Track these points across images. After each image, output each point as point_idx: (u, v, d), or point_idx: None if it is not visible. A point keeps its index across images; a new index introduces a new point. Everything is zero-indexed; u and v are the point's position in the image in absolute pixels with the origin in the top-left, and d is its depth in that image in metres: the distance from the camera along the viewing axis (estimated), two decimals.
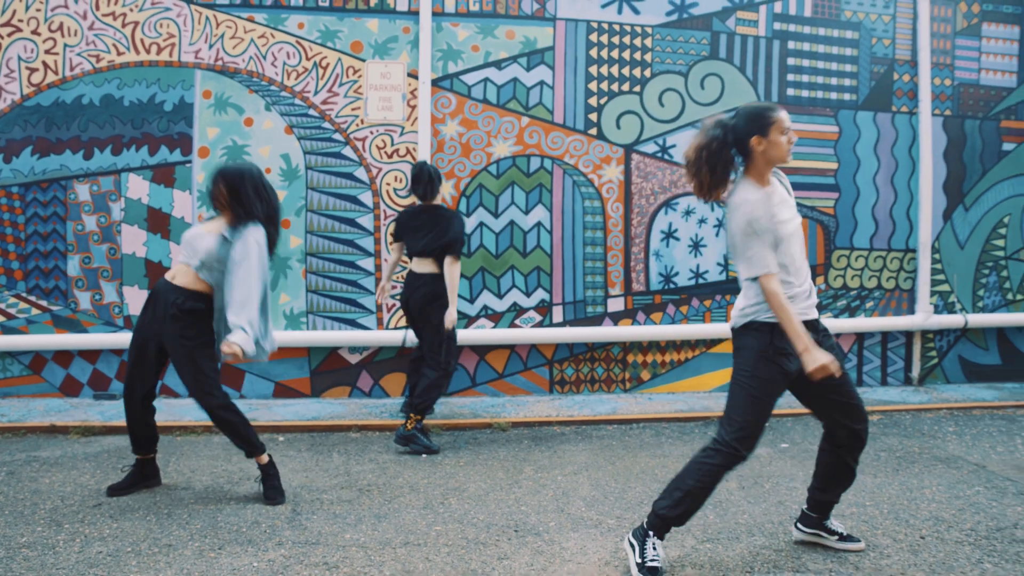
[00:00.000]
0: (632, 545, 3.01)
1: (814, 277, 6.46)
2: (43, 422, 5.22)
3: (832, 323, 6.43)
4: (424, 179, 4.98)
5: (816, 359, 2.84)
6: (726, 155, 3.01)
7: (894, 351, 6.72)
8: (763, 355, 2.96)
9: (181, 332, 3.75)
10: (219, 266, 3.72)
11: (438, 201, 5.07)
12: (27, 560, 3.09)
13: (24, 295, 5.94)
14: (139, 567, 3.04)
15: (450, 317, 4.88)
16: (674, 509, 2.98)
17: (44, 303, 5.96)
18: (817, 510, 3.29)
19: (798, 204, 6.43)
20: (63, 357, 5.96)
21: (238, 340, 3.53)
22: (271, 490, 3.87)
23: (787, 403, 5.71)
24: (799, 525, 3.35)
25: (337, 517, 3.64)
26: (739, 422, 2.94)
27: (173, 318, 3.74)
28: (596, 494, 4.00)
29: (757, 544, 3.34)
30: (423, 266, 4.96)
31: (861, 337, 6.66)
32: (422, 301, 4.93)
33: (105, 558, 3.12)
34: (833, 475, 3.22)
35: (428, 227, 4.96)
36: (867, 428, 3.17)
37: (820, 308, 6.45)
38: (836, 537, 3.28)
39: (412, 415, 4.75)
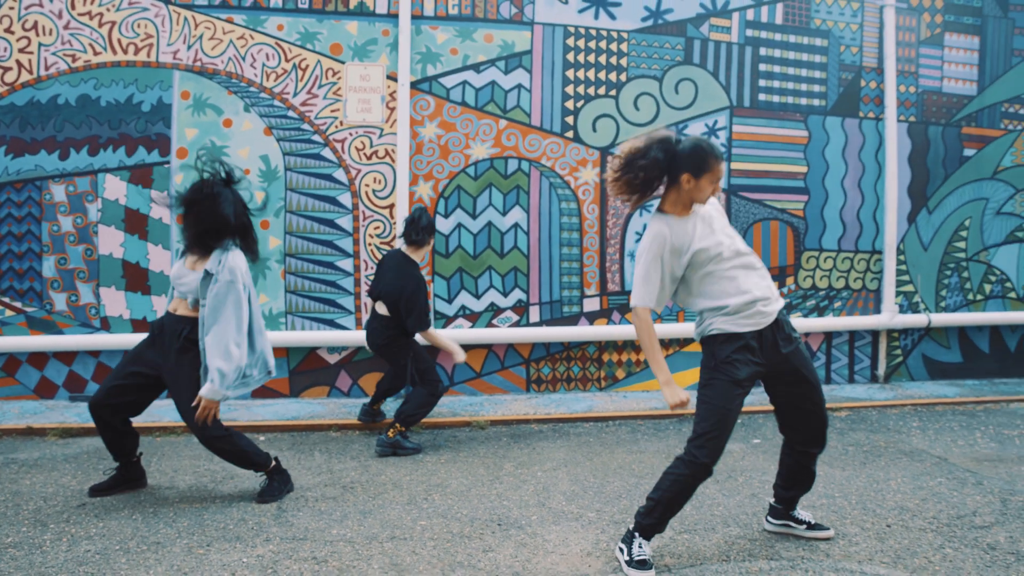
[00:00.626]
0: (621, 549, 3.11)
1: (784, 278, 6.64)
2: (19, 424, 5.19)
3: (801, 322, 6.60)
4: (421, 224, 4.96)
5: (673, 395, 3.05)
6: (657, 174, 3.10)
7: (861, 349, 6.92)
8: (707, 366, 3.12)
9: (190, 363, 3.72)
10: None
11: (420, 256, 5.03)
12: (15, 560, 3.11)
13: None
14: (129, 564, 3.08)
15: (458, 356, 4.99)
16: (647, 517, 3.09)
17: (18, 304, 5.91)
18: (783, 503, 3.43)
19: (769, 206, 6.64)
20: (38, 359, 5.92)
21: (204, 392, 3.59)
22: (270, 492, 3.89)
23: (757, 400, 5.88)
24: (769, 518, 3.50)
25: (323, 514, 3.69)
26: (698, 431, 3.07)
27: (181, 350, 3.72)
28: (576, 489, 4.10)
29: (732, 534, 3.46)
30: (381, 308, 5.00)
31: (829, 336, 6.85)
32: (380, 342, 4.98)
33: (94, 556, 3.15)
34: (795, 476, 3.38)
35: (393, 273, 4.95)
36: (825, 433, 3.31)
37: (790, 308, 6.63)
38: (804, 526, 3.42)
39: (397, 425, 4.75)
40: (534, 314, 6.37)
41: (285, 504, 3.82)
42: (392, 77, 6.18)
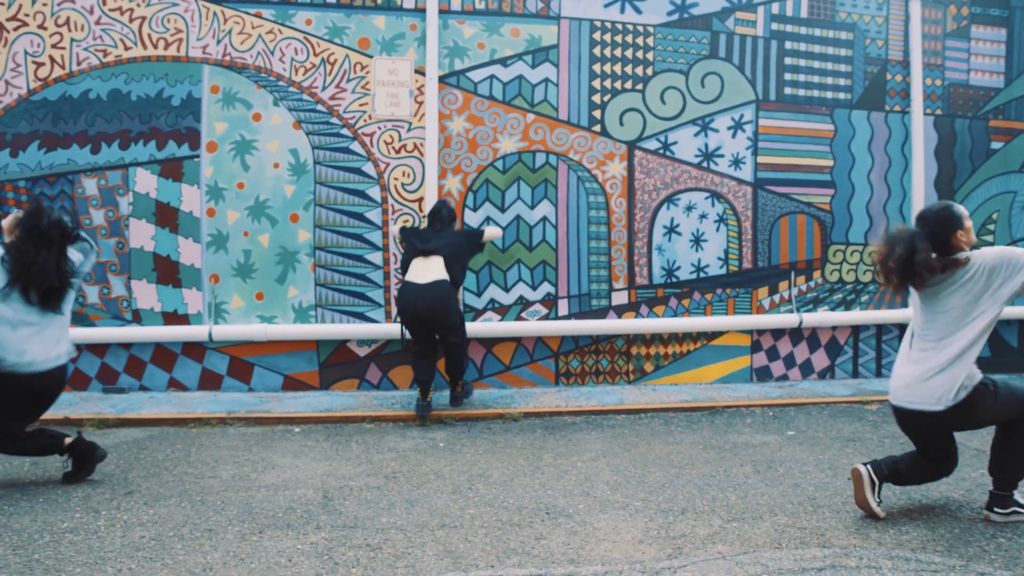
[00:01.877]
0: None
1: (811, 271, 6.65)
2: (57, 415, 5.21)
3: (828, 316, 6.60)
4: (443, 216, 5.54)
5: None
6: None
7: (888, 343, 6.91)
8: None
9: None
10: None
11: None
12: (73, 544, 3.13)
13: None
14: (185, 550, 3.09)
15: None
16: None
17: None
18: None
19: (796, 200, 6.63)
20: None
21: None
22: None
23: (785, 393, 5.90)
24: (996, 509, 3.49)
25: (369, 503, 3.71)
26: None
27: None
28: (618, 479, 4.11)
29: (781, 523, 3.46)
30: (430, 271, 5.30)
31: (856, 330, 6.84)
32: (447, 297, 5.30)
33: (149, 542, 3.17)
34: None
35: (439, 234, 5.50)
36: None
37: (817, 302, 6.64)
38: None
39: (459, 384, 5.60)
40: (563, 307, 6.37)
41: (330, 493, 3.84)
42: (420, 71, 6.19)
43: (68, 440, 3.97)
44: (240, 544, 3.16)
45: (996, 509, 3.47)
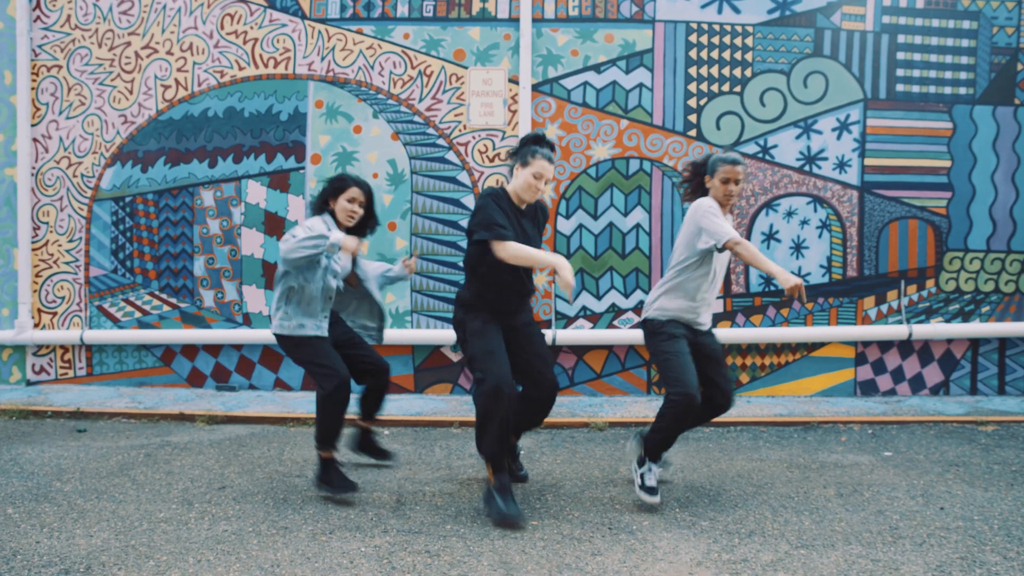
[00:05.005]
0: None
1: (923, 280, 6.26)
2: (173, 410, 5.68)
3: (943, 328, 6.18)
4: None
5: (787, 279, 3.49)
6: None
7: (1013, 359, 6.38)
8: None
9: None
10: None
11: None
12: (165, 533, 3.43)
13: (157, 293, 6.47)
14: (259, 546, 3.32)
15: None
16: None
17: (174, 300, 6.47)
18: None
19: (907, 204, 6.26)
20: (189, 350, 6.45)
21: None
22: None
23: (890, 410, 5.59)
24: None
25: (438, 508, 3.83)
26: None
27: None
28: (690, 495, 4.04)
29: (853, 553, 3.31)
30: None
31: (976, 343, 6.36)
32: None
33: (230, 536, 3.42)
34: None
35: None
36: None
37: (930, 313, 6.23)
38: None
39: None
40: None
41: (404, 497, 3.99)
42: (514, 80, 6.28)
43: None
44: (310, 543, 3.36)
45: None
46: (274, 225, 6.39)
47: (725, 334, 6.19)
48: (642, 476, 3.88)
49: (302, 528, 3.54)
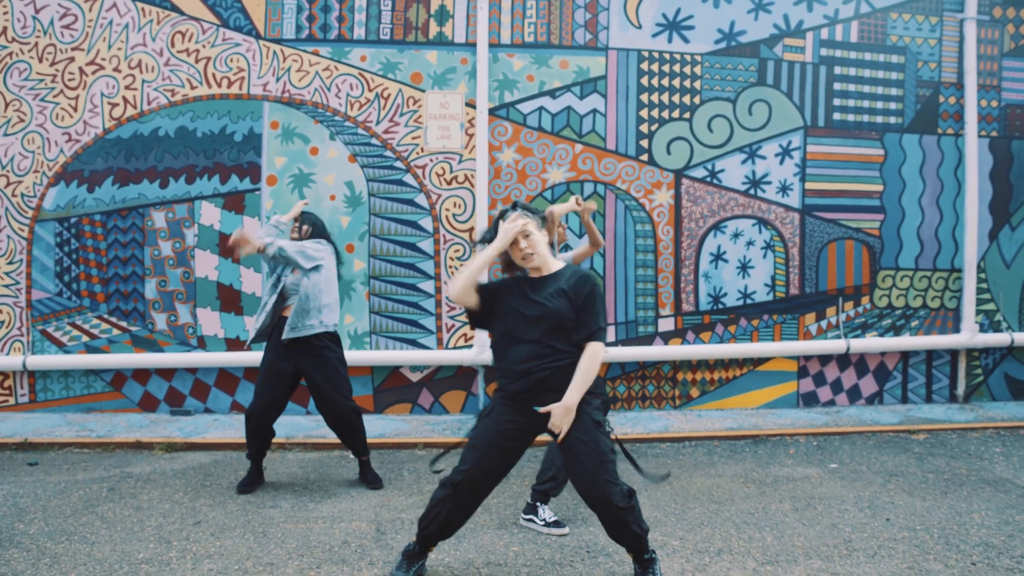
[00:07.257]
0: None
1: (859, 297, 6.63)
2: (129, 438, 5.57)
3: (877, 342, 6.58)
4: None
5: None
6: None
7: (939, 369, 6.84)
8: None
9: None
10: None
11: None
12: (148, 575, 3.41)
13: (106, 316, 6.32)
14: None
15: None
16: None
17: (124, 324, 6.32)
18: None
19: (844, 226, 6.62)
20: (141, 374, 6.32)
21: None
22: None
23: (831, 420, 5.91)
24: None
25: None
26: None
27: None
28: (658, 514, 4.23)
29: (814, 567, 3.54)
30: None
31: (906, 356, 6.79)
32: None
33: (217, 575, 3.42)
34: None
35: None
36: None
37: (865, 327, 6.61)
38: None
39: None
40: (610, 334, 6.49)
41: (383, 525, 4.05)
42: (471, 104, 6.38)
43: None
44: None
45: None
46: (228, 247, 6.31)
47: (677, 351, 6.44)
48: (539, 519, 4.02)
49: (288, 563, 3.56)
